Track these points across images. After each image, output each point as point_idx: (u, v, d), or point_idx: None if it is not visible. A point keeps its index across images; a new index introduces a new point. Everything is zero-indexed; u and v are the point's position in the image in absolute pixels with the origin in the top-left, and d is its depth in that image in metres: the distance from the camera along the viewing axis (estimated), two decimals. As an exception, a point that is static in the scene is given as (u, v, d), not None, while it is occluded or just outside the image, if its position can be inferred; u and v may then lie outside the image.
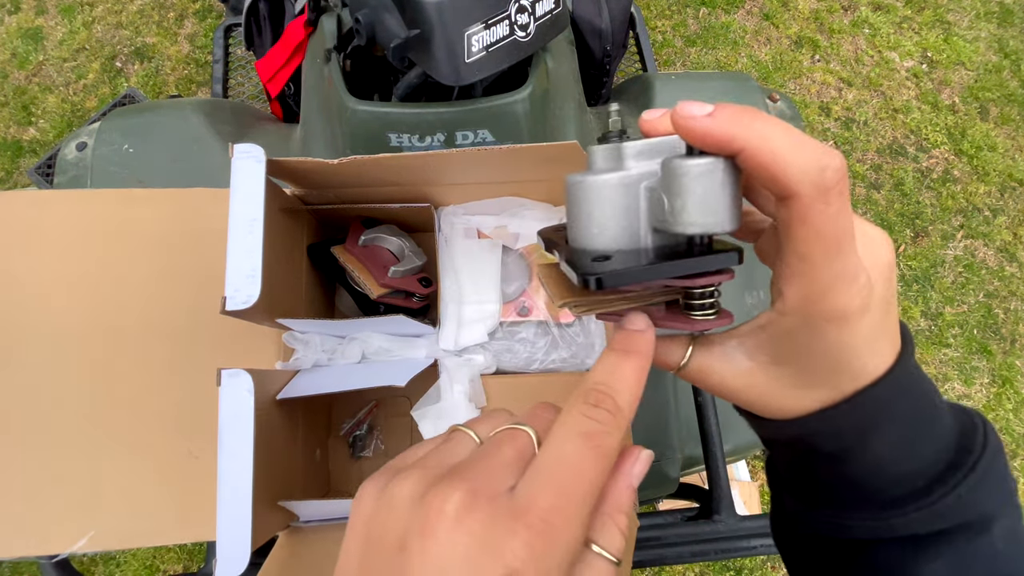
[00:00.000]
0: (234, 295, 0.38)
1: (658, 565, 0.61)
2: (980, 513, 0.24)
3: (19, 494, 0.45)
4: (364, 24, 0.53)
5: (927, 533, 0.24)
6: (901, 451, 0.24)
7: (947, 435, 0.25)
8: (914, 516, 0.24)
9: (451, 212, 0.55)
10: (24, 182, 1.63)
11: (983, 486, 0.24)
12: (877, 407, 0.24)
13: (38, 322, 0.48)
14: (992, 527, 0.24)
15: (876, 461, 0.24)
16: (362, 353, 0.49)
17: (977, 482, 0.24)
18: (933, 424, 0.25)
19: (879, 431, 0.24)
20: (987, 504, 0.24)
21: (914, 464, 0.24)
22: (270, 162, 0.42)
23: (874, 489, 0.25)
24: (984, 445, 0.25)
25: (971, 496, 0.24)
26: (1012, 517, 0.25)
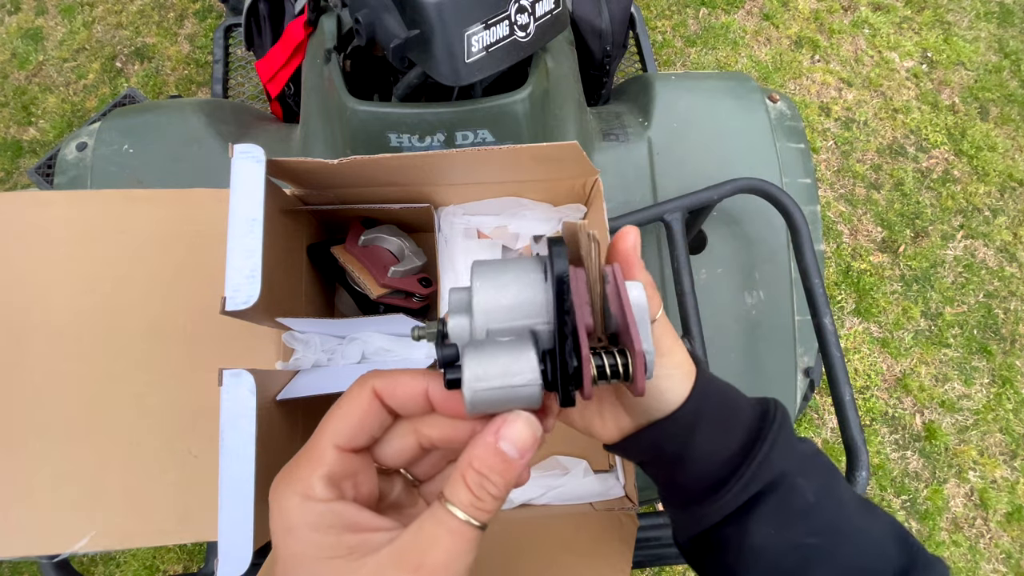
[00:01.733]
0: (234, 295, 0.38)
1: (658, 565, 0.61)
2: (779, 472, 0.30)
3: (19, 494, 0.45)
4: (364, 24, 0.53)
5: (748, 499, 0.30)
6: (717, 443, 0.31)
7: (749, 421, 0.32)
8: (735, 489, 0.30)
9: (451, 212, 0.55)
10: (24, 182, 1.63)
11: (775, 450, 0.30)
12: (690, 417, 0.31)
13: (39, 322, 0.48)
14: (796, 483, 0.30)
15: (701, 455, 0.31)
16: (362, 353, 0.49)
17: (770, 448, 0.30)
18: (735, 416, 0.32)
19: (698, 431, 0.31)
20: (782, 464, 0.30)
21: (728, 449, 0.31)
22: (270, 162, 0.42)
23: (709, 477, 0.31)
24: (773, 420, 0.31)
25: (767, 460, 0.30)
26: (821, 478, 0.31)
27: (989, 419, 1.46)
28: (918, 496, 1.41)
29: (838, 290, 1.57)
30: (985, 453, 1.44)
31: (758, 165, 0.71)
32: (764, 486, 0.30)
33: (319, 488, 0.23)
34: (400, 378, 0.25)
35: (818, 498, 0.30)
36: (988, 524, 1.38)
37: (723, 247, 0.70)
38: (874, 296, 1.55)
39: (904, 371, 1.50)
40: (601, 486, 0.49)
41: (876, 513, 0.32)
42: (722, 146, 0.72)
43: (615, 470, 0.50)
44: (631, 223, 0.62)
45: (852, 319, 1.55)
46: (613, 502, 0.48)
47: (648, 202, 0.69)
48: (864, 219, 1.63)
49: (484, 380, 0.21)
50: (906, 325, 1.54)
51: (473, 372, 0.21)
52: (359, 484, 0.25)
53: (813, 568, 0.29)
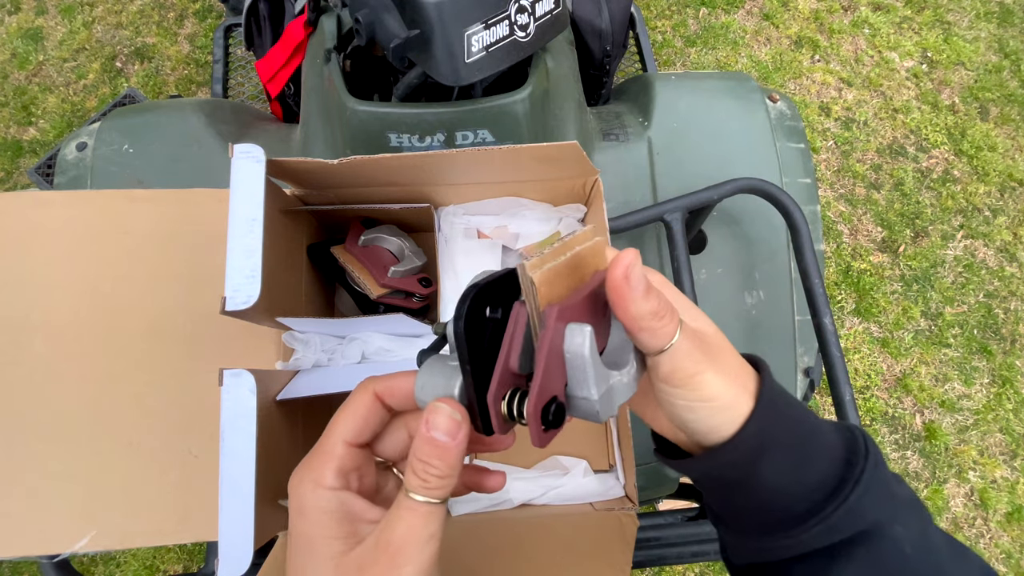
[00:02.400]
0: (234, 295, 0.38)
1: (658, 565, 0.61)
2: (872, 522, 0.27)
3: (19, 494, 0.45)
4: (364, 24, 0.53)
5: (831, 544, 0.27)
6: (790, 474, 0.28)
7: (833, 451, 0.28)
8: (815, 530, 0.27)
9: (451, 212, 0.55)
10: (24, 182, 1.63)
11: (869, 496, 0.27)
12: (752, 443, 0.27)
13: (39, 322, 0.48)
14: (892, 533, 0.27)
15: (771, 485, 0.28)
16: (362, 353, 0.49)
17: (863, 493, 0.27)
18: (813, 444, 0.28)
19: (765, 458, 0.28)
20: (876, 512, 0.27)
21: (806, 482, 0.28)
22: (270, 162, 0.42)
23: (780, 510, 0.28)
24: (865, 457, 0.28)
25: (859, 506, 0.27)
26: (915, 522, 0.28)
27: (989, 419, 1.46)
28: (918, 496, 1.41)
29: (838, 290, 1.57)
30: (985, 453, 1.44)
31: (758, 165, 0.71)
32: (854, 535, 0.27)
33: (330, 478, 0.27)
34: (395, 379, 0.29)
35: (915, 548, 0.27)
36: (988, 524, 1.38)
37: (723, 247, 0.70)
38: (874, 296, 1.55)
39: (904, 371, 1.50)
40: (601, 486, 0.49)
41: (969, 559, 0.29)
42: (722, 146, 0.72)
43: (615, 470, 0.50)
44: (631, 223, 0.62)
45: (852, 319, 1.55)
46: (613, 502, 0.48)
47: (648, 202, 0.69)
48: (864, 219, 1.63)
49: (424, 390, 0.27)
50: (906, 325, 1.54)
51: (421, 382, 0.27)
52: (363, 476, 0.29)
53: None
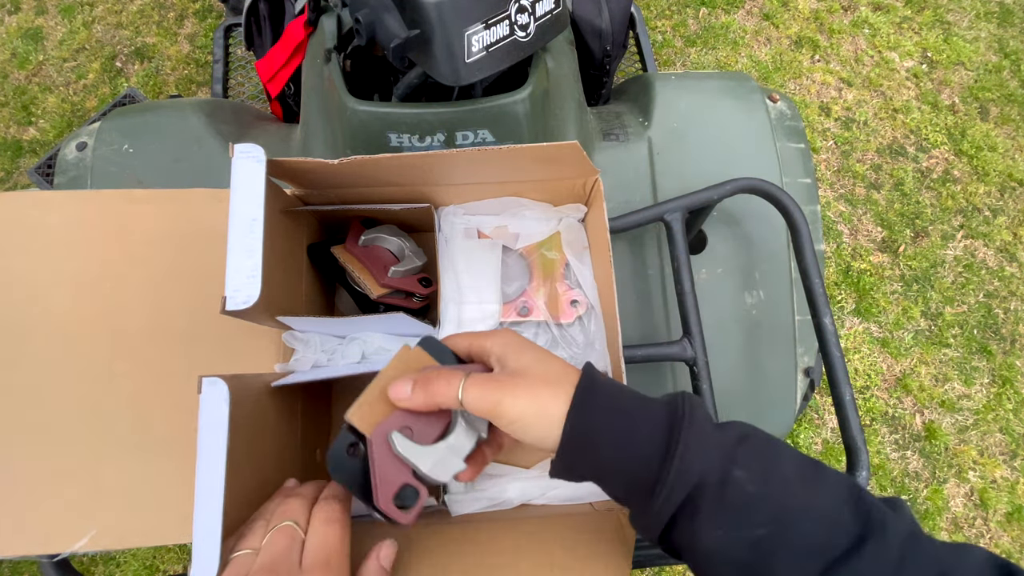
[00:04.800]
0: (234, 295, 0.38)
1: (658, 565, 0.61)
2: (702, 472, 0.30)
3: (19, 493, 0.45)
4: (364, 24, 0.53)
5: (680, 504, 0.31)
6: (624, 456, 0.32)
7: (655, 423, 0.32)
8: (662, 497, 0.31)
9: (451, 212, 0.55)
10: (24, 182, 1.63)
11: (691, 452, 0.31)
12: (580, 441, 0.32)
13: (39, 323, 0.48)
14: (731, 477, 0.30)
15: (613, 470, 0.32)
16: (362, 353, 0.49)
17: (685, 451, 0.31)
18: (635, 425, 0.32)
19: (598, 450, 0.32)
20: (703, 463, 0.30)
21: (639, 459, 0.31)
22: (270, 162, 0.42)
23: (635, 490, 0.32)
24: (682, 419, 0.31)
25: (687, 463, 0.30)
26: (758, 464, 0.31)
27: (989, 419, 1.46)
28: (918, 496, 1.41)
29: (838, 290, 1.57)
30: (985, 453, 1.44)
31: (758, 165, 0.71)
32: (691, 489, 0.30)
33: None
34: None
35: (758, 486, 0.30)
36: (988, 524, 1.39)
37: (723, 247, 0.70)
38: (874, 296, 1.55)
39: (904, 371, 1.50)
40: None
41: (824, 479, 0.31)
42: (722, 146, 0.72)
43: (615, 470, 0.50)
44: (631, 223, 0.62)
45: (852, 319, 1.55)
46: (612, 502, 0.48)
47: (648, 202, 0.69)
48: (864, 219, 1.63)
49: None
50: (906, 325, 1.54)
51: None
52: None
53: (770, 559, 0.29)
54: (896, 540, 0.29)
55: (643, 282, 0.68)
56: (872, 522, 0.29)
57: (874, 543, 0.28)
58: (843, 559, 0.28)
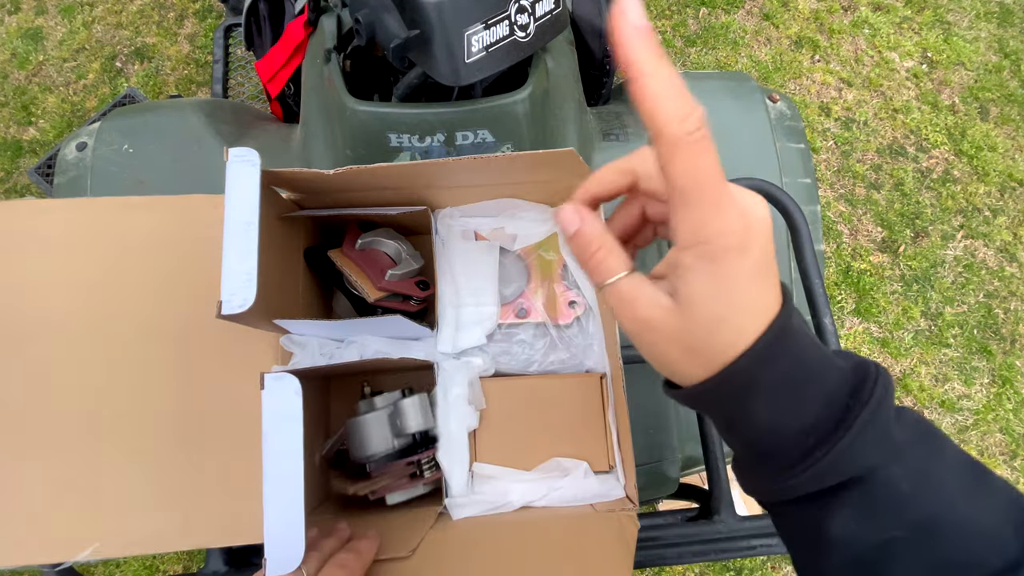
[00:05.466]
0: (230, 299, 0.38)
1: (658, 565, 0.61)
2: (865, 467, 0.26)
3: (19, 502, 0.45)
4: (364, 24, 0.53)
5: (822, 489, 0.26)
6: (783, 415, 0.26)
7: (835, 394, 0.26)
8: (803, 476, 0.26)
9: (448, 214, 0.55)
10: (24, 182, 1.63)
11: (862, 439, 0.25)
12: (746, 379, 0.26)
13: (37, 331, 0.48)
14: (889, 474, 0.26)
15: (762, 427, 0.26)
16: (360, 356, 0.49)
17: (856, 437, 0.25)
18: (814, 384, 0.26)
19: (758, 396, 0.26)
20: (870, 457, 0.26)
21: (799, 426, 0.26)
22: (265, 172, 0.41)
23: (772, 453, 0.27)
24: (867, 401, 0.26)
25: (850, 452, 0.25)
26: (920, 461, 0.26)
27: (989, 419, 1.46)
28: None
29: (838, 290, 1.56)
30: (985, 453, 1.44)
31: (758, 165, 0.71)
32: (846, 480, 0.26)
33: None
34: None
35: (914, 486, 0.26)
36: (988, 524, 1.38)
37: (723, 248, 0.70)
38: (874, 296, 1.55)
39: (904, 371, 1.50)
40: (601, 487, 0.49)
41: (992, 490, 0.27)
42: (722, 146, 0.71)
43: (615, 471, 0.50)
44: (631, 224, 0.62)
45: (852, 319, 1.55)
46: (614, 503, 0.48)
47: (648, 202, 0.69)
48: (864, 219, 1.63)
49: None
50: (906, 325, 1.54)
51: None
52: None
53: (894, 563, 0.26)
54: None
55: (643, 283, 0.68)
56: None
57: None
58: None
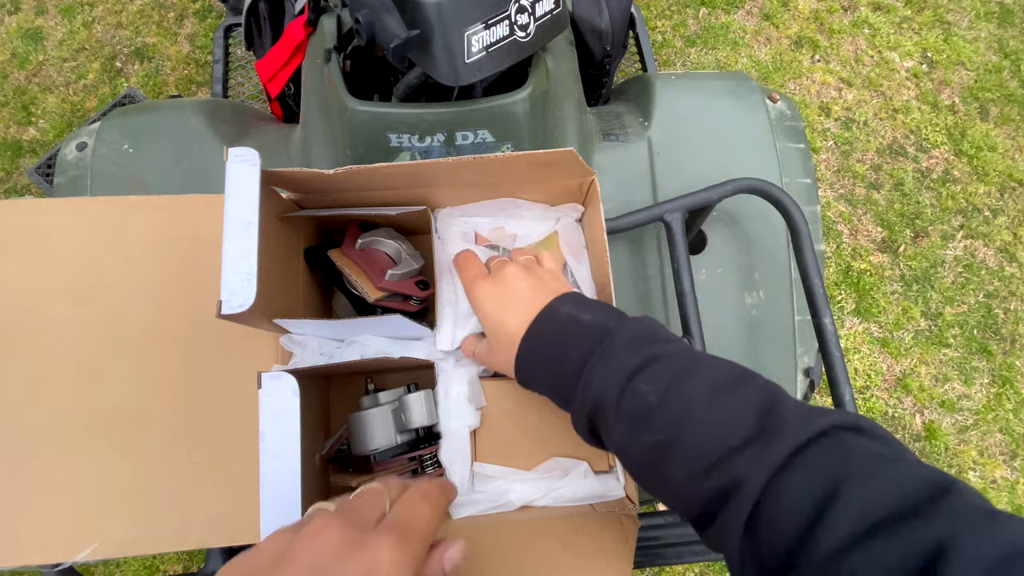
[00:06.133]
0: (230, 299, 0.38)
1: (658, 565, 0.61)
2: (598, 393, 0.37)
3: (18, 502, 0.45)
4: (364, 24, 0.53)
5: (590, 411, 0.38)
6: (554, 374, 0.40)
7: (584, 345, 0.39)
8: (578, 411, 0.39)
9: (448, 214, 0.55)
10: (24, 182, 1.63)
11: (597, 371, 0.37)
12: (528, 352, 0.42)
13: (36, 330, 0.48)
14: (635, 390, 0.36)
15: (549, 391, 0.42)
16: (360, 356, 0.49)
17: (593, 369, 0.38)
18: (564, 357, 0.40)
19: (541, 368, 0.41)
20: (605, 379, 0.37)
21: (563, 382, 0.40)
22: (265, 172, 0.41)
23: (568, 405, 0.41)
24: (600, 343, 0.38)
25: (592, 380, 0.38)
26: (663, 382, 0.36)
27: (989, 419, 1.46)
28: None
29: (838, 290, 1.56)
30: (985, 453, 1.44)
31: (758, 165, 0.71)
32: (594, 404, 0.38)
33: None
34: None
35: (658, 398, 0.35)
36: (988, 524, 1.38)
37: (723, 247, 0.70)
38: (874, 296, 1.55)
39: (904, 371, 1.50)
40: (602, 487, 0.49)
41: (738, 396, 0.34)
42: (722, 146, 0.72)
43: (615, 471, 0.50)
44: (631, 223, 0.62)
45: (852, 319, 1.55)
46: (614, 503, 0.48)
47: (648, 202, 0.69)
48: (864, 219, 1.63)
49: None
50: (906, 325, 1.54)
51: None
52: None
53: (663, 459, 0.34)
54: (785, 442, 0.30)
55: (643, 282, 0.68)
56: (767, 427, 0.32)
57: (760, 443, 0.31)
58: (727, 459, 0.32)
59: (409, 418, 0.50)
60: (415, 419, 0.49)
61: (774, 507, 0.29)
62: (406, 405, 0.50)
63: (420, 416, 0.49)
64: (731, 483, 0.31)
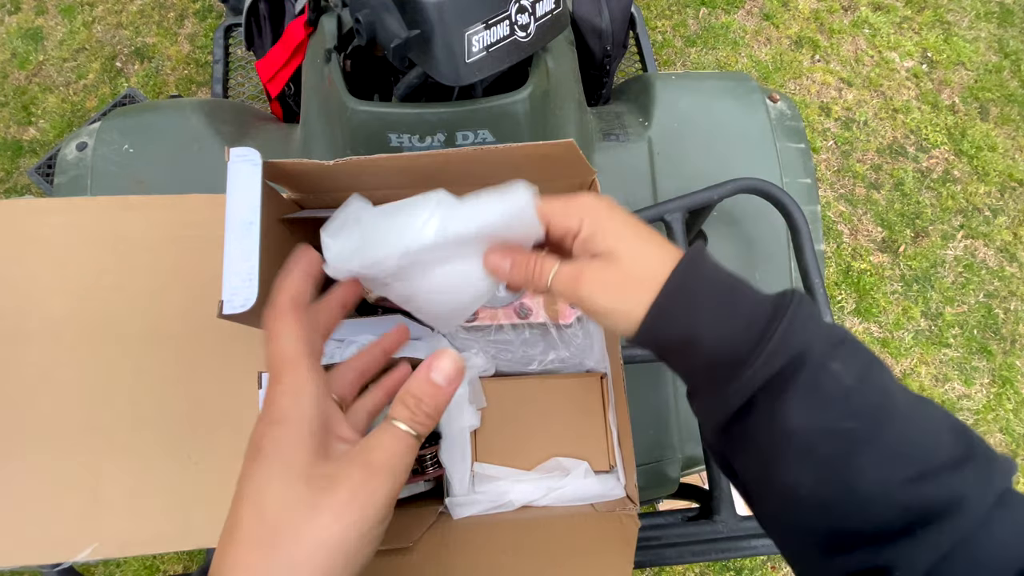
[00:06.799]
0: (231, 299, 0.38)
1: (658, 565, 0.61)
2: (803, 345, 0.28)
3: (18, 503, 0.45)
4: (364, 24, 0.53)
5: (773, 375, 0.28)
6: (725, 322, 0.30)
7: (763, 304, 0.30)
8: (756, 364, 0.29)
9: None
10: (24, 182, 1.63)
11: (797, 323, 0.29)
12: (681, 295, 0.31)
13: (35, 330, 0.48)
14: (829, 365, 0.28)
15: (713, 336, 0.30)
16: (362, 354, 0.49)
17: (790, 323, 0.29)
18: (740, 298, 0.31)
19: (695, 313, 0.30)
20: (806, 336, 0.29)
21: (740, 326, 0.30)
22: (266, 164, 0.41)
23: (727, 358, 0.30)
24: (791, 301, 0.30)
25: (790, 332, 0.29)
26: (859, 364, 0.29)
27: (989, 419, 1.46)
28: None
29: (838, 290, 1.56)
30: (985, 453, 1.44)
31: (758, 165, 0.71)
32: (789, 360, 0.28)
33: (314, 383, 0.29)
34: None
35: (858, 380, 0.28)
36: (988, 524, 1.38)
37: (723, 247, 0.70)
38: (874, 296, 1.55)
39: (904, 371, 1.50)
40: (602, 487, 0.49)
41: (930, 403, 0.29)
42: (722, 146, 0.72)
43: (615, 471, 0.50)
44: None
45: (852, 319, 1.55)
46: (614, 503, 0.48)
47: (648, 202, 0.69)
48: (864, 219, 1.63)
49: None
50: (906, 325, 1.54)
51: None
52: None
53: (855, 455, 0.27)
54: (1002, 476, 0.26)
55: (643, 282, 0.68)
56: (976, 452, 0.27)
57: (977, 466, 0.26)
58: (940, 471, 0.26)
59: None
60: None
61: (987, 541, 0.25)
62: None
63: None
64: (950, 500, 0.26)
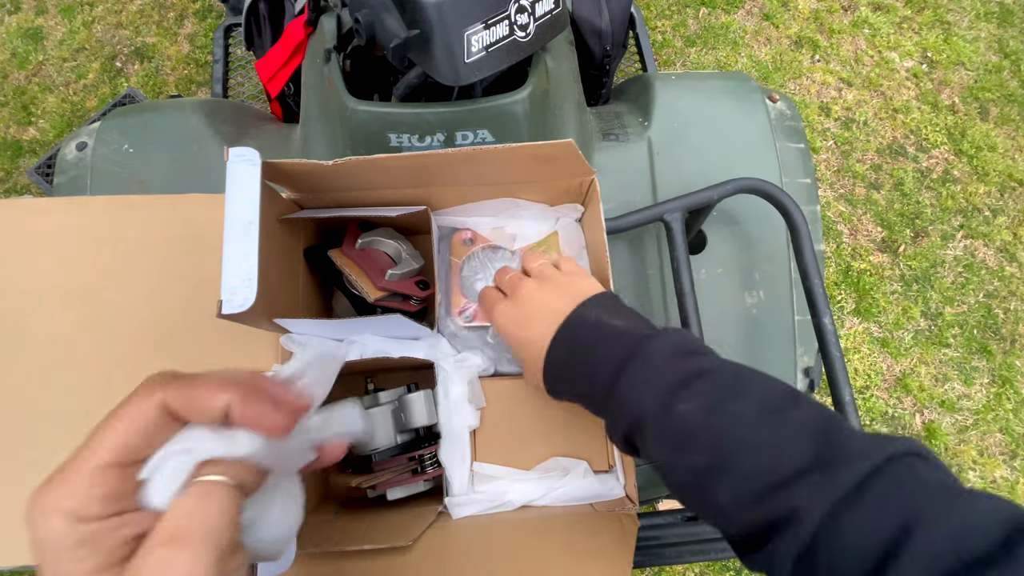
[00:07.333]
0: (230, 298, 0.38)
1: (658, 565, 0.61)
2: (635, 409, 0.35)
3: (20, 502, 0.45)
4: (364, 24, 0.53)
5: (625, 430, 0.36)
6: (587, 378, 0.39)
7: (615, 355, 0.37)
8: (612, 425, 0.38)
9: (447, 214, 0.55)
10: (24, 182, 1.63)
11: (633, 386, 0.35)
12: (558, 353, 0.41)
13: (35, 329, 0.48)
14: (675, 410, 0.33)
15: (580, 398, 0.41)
16: (360, 356, 0.49)
17: (628, 385, 0.36)
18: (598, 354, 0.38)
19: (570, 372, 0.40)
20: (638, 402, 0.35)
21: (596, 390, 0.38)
22: (265, 165, 0.41)
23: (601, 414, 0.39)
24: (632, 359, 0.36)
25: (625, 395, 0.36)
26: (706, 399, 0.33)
27: (989, 419, 1.46)
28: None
29: (838, 290, 1.56)
30: (985, 453, 1.44)
31: (758, 165, 0.71)
32: (631, 421, 0.35)
33: (96, 507, 0.22)
34: (197, 390, 0.25)
35: (702, 418, 0.32)
36: (988, 524, 1.38)
37: (723, 247, 0.70)
38: (874, 296, 1.55)
39: (904, 371, 1.50)
40: (601, 487, 0.49)
41: (790, 418, 0.31)
42: (722, 146, 0.72)
43: (615, 470, 0.50)
44: (631, 223, 0.62)
45: (852, 319, 1.55)
46: (613, 503, 0.48)
47: (648, 202, 0.69)
48: (864, 219, 1.63)
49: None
50: (906, 325, 1.54)
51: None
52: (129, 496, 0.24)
53: (709, 484, 0.32)
54: (847, 472, 0.28)
55: (643, 282, 0.68)
56: (827, 455, 0.29)
57: (823, 473, 0.29)
58: (779, 487, 0.29)
59: (409, 418, 0.50)
60: (415, 419, 0.49)
61: (833, 544, 0.27)
62: (406, 405, 0.50)
63: (420, 416, 0.50)
64: (786, 514, 0.29)
